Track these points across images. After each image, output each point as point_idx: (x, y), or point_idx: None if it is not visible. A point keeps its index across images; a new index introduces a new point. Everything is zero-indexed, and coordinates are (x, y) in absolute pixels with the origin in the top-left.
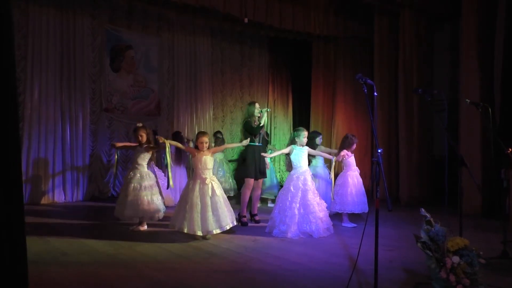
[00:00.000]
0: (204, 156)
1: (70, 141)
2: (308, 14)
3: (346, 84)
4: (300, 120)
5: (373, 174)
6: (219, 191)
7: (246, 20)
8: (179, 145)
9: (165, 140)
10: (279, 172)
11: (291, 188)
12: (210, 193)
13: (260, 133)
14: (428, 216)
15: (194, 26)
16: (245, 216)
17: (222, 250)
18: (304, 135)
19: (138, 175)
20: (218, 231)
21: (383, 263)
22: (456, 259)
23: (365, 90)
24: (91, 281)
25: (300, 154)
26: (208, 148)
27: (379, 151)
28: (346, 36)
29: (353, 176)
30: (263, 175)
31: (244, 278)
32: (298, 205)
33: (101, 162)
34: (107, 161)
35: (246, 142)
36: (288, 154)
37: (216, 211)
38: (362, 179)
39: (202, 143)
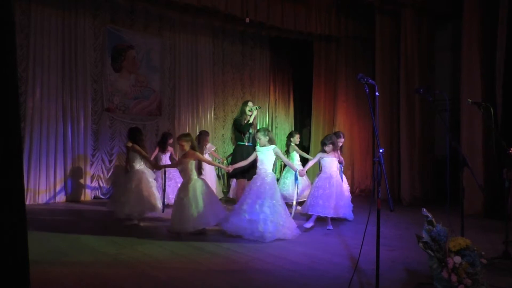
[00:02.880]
0: (186, 159)
1: (71, 141)
2: (309, 14)
3: (348, 84)
4: (301, 120)
5: (375, 174)
6: (199, 192)
7: (247, 20)
8: (171, 166)
9: (161, 166)
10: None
11: (247, 190)
12: (190, 195)
13: (250, 132)
14: (430, 216)
15: (196, 26)
16: None
17: (223, 250)
18: (257, 136)
19: (132, 174)
20: (191, 230)
21: (385, 263)
22: (458, 259)
23: (367, 90)
24: (92, 281)
25: (260, 155)
26: (189, 150)
27: (381, 151)
28: (347, 36)
29: (324, 179)
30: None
31: (246, 278)
32: (244, 207)
33: (103, 162)
34: (108, 161)
35: (227, 169)
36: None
37: (185, 212)
38: (364, 179)
39: (179, 146)
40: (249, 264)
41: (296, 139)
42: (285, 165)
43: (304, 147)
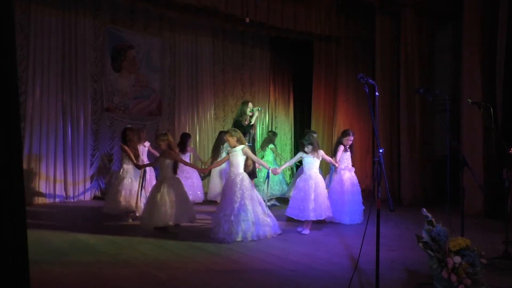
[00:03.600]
0: (162, 157)
1: (71, 140)
2: (309, 14)
3: (348, 84)
4: (301, 120)
5: (375, 174)
6: (166, 190)
7: (247, 20)
8: (152, 165)
9: (141, 166)
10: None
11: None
12: (162, 191)
13: (250, 133)
14: (430, 216)
15: (196, 26)
16: None
17: (224, 249)
18: (225, 138)
19: (120, 172)
20: (160, 225)
21: (385, 263)
22: (457, 259)
23: (367, 90)
24: (92, 281)
25: (230, 156)
26: (166, 149)
27: (381, 151)
28: (347, 36)
29: (303, 180)
30: (253, 175)
31: (246, 278)
32: (220, 208)
33: (103, 162)
34: (108, 161)
35: (203, 171)
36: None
37: (155, 207)
38: (364, 179)
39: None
40: (249, 264)
41: None
42: (298, 167)
43: None
